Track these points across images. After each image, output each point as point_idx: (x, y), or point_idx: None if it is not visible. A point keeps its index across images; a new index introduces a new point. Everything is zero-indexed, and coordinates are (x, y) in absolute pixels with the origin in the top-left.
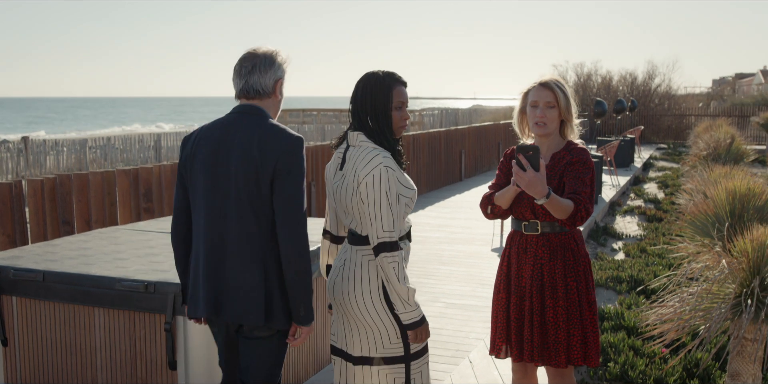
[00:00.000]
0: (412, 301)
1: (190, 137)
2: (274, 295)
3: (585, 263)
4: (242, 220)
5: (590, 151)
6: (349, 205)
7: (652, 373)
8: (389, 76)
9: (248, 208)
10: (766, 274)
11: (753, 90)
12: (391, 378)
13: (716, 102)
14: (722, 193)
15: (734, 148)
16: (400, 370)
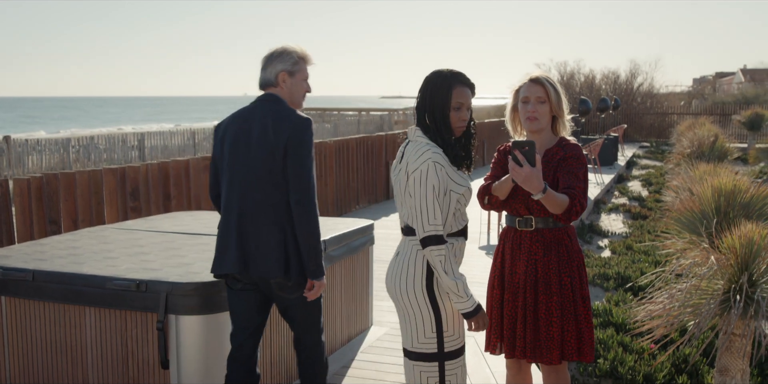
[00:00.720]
0: (462, 293)
1: (221, 124)
2: (290, 253)
3: (579, 259)
4: (263, 191)
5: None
6: (401, 197)
7: (641, 369)
8: (453, 76)
9: (268, 181)
10: (753, 269)
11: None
12: (425, 376)
13: (697, 100)
14: (708, 191)
15: (718, 146)
16: (434, 369)
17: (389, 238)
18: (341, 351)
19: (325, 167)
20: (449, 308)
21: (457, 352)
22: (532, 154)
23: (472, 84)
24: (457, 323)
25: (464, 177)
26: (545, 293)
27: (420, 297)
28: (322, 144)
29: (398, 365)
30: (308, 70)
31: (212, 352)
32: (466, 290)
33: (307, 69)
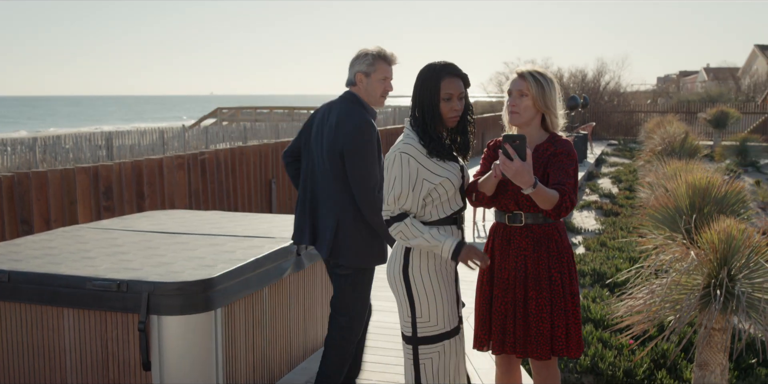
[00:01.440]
0: (433, 242)
1: (317, 111)
2: (339, 237)
3: (568, 254)
4: (327, 181)
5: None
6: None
7: (621, 365)
8: (443, 67)
9: (330, 174)
10: (733, 264)
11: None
12: (406, 357)
13: (663, 99)
14: (682, 187)
15: (688, 144)
16: (410, 351)
17: None
18: (322, 350)
19: None
20: (422, 294)
21: (432, 338)
22: (522, 147)
23: (463, 75)
24: (434, 310)
25: (446, 167)
26: (535, 289)
27: (398, 281)
28: None
29: (381, 364)
30: (389, 70)
31: (196, 353)
32: (436, 238)
33: (387, 68)
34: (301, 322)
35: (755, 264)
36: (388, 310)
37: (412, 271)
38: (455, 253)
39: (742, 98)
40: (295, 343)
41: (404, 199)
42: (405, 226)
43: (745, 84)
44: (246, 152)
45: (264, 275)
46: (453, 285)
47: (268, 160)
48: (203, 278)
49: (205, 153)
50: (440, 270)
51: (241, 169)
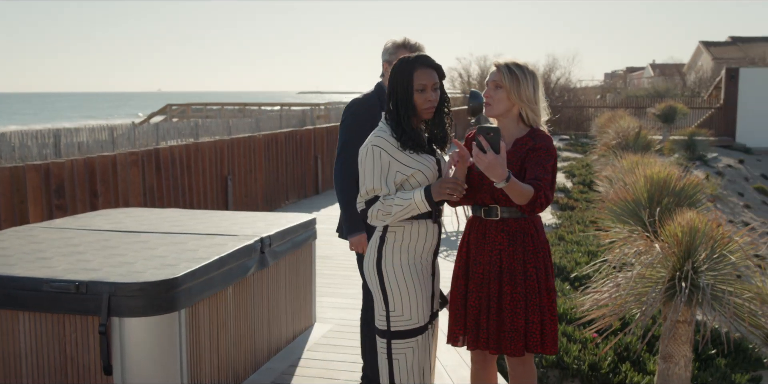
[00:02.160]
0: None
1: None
2: (341, 215)
3: (545, 250)
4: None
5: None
6: None
7: (586, 359)
8: (415, 59)
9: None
10: (696, 257)
11: (643, 83)
12: (380, 352)
13: (612, 94)
14: (641, 180)
15: (641, 138)
16: (384, 345)
17: (321, 232)
18: (287, 349)
19: (254, 162)
20: (395, 288)
21: (406, 333)
22: (496, 140)
23: (437, 65)
24: (407, 304)
25: (419, 160)
26: (510, 284)
27: (372, 274)
28: (252, 138)
29: (347, 363)
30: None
31: (159, 356)
32: (406, 198)
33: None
34: (265, 321)
35: (719, 256)
36: (352, 308)
37: (385, 264)
38: (429, 198)
39: (688, 94)
40: (259, 343)
41: (378, 192)
42: (380, 204)
43: (691, 80)
44: (201, 148)
45: (228, 274)
46: (428, 280)
47: (223, 156)
48: (166, 278)
49: (160, 149)
50: (414, 264)
51: (196, 166)
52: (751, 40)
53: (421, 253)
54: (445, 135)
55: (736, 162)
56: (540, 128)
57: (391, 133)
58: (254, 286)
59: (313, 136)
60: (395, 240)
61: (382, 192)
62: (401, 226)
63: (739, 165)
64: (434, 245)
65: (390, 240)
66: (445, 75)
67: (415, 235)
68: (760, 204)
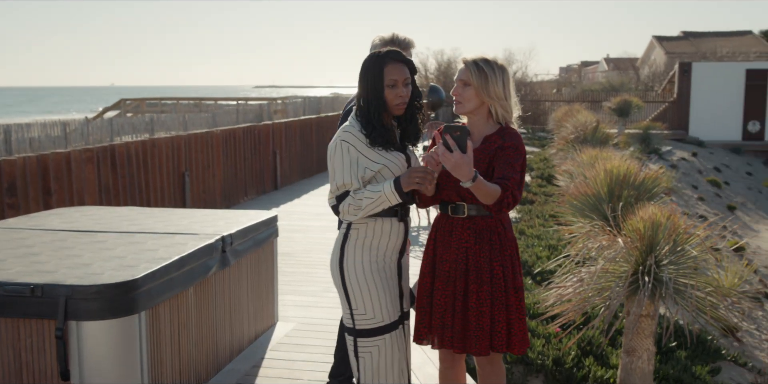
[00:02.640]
0: (375, 196)
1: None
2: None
3: (512, 248)
4: None
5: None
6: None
7: (550, 354)
8: (385, 54)
9: None
10: (659, 252)
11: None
12: (349, 349)
13: (567, 88)
14: (601, 174)
15: (599, 132)
16: (351, 342)
17: (282, 229)
18: (250, 349)
19: (212, 158)
20: (356, 287)
21: (370, 331)
22: (463, 139)
23: (408, 60)
24: (369, 303)
25: (388, 156)
26: (476, 282)
27: (335, 272)
28: (209, 134)
29: (310, 362)
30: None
31: (118, 360)
32: (375, 190)
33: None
34: (227, 321)
35: (681, 250)
36: (315, 306)
37: (347, 262)
38: (398, 189)
39: (642, 88)
40: (222, 344)
41: (349, 186)
42: (350, 198)
43: (645, 74)
44: (158, 144)
45: (189, 274)
46: (394, 278)
47: (180, 152)
48: (125, 280)
49: (115, 146)
50: (377, 262)
51: (153, 162)
52: (702, 35)
53: (384, 251)
54: (417, 131)
55: (690, 155)
56: (510, 125)
57: (360, 129)
58: (216, 286)
59: (272, 131)
60: (358, 237)
61: (353, 187)
62: (364, 223)
63: (693, 158)
64: (399, 244)
65: (353, 237)
66: (416, 70)
67: (379, 233)
68: (713, 196)
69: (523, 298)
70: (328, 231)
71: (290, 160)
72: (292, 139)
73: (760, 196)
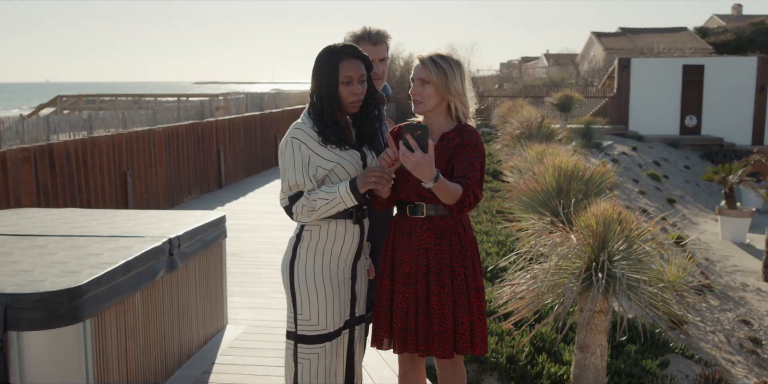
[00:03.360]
0: (332, 197)
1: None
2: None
3: (472, 248)
4: None
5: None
6: None
7: (504, 351)
8: (340, 49)
9: None
10: (611, 248)
11: (538, 72)
12: (287, 353)
13: (509, 84)
14: (549, 170)
15: (545, 127)
16: (291, 347)
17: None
18: (199, 354)
19: (154, 156)
20: (304, 291)
21: (312, 338)
22: (424, 138)
23: (363, 56)
24: (315, 309)
25: (341, 155)
26: (437, 284)
27: (285, 274)
28: (151, 132)
29: (263, 367)
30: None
31: (63, 371)
32: (330, 191)
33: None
34: (176, 326)
35: (634, 245)
36: (265, 308)
37: (298, 264)
38: (354, 189)
39: (582, 83)
40: (170, 350)
41: (302, 186)
42: (304, 199)
43: (584, 69)
44: (98, 143)
45: (135, 279)
46: (346, 283)
47: (122, 151)
48: (69, 287)
49: (54, 144)
50: (329, 266)
51: (93, 162)
52: (639, 31)
53: (338, 255)
54: (373, 129)
55: (630, 149)
56: (468, 122)
57: (312, 127)
58: (163, 290)
59: (215, 128)
60: (311, 239)
61: (306, 187)
62: (318, 225)
63: (633, 152)
64: (355, 248)
65: (306, 239)
66: (372, 66)
67: (333, 236)
68: (654, 190)
69: (484, 299)
70: (275, 230)
71: (234, 157)
72: (236, 137)
73: (697, 189)
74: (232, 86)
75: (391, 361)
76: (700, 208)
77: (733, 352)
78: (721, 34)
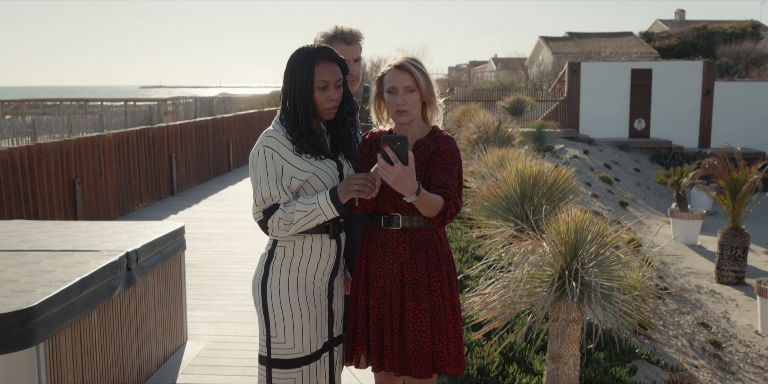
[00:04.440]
0: (311, 208)
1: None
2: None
3: (449, 262)
4: None
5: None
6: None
7: (474, 362)
8: (316, 52)
9: None
10: (582, 256)
11: (488, 76)
12: (259, 379)
13: (459, 88)
14: (512, 175)
15: (502, 131)
16: (263, 372)
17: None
18: (159, 373)
19: (104, 163)
20: (278, 312)
21: (288, 362)
22: (404, 150)
23: (340, 59)
24: (290, 331)
25: (317, 164)
26: (413, 299)
27: (256, 294)
28: (100, 138)
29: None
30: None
31: None
32: (309, 203)
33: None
34: (134, 345)
35: (607, 252)
36: (225, 321)
37: (271, 284)
38: (335, 199)
39: (531, 87)
40: (129, 371)
41: (276, 199)
42: (281, 212)
43: (533, 73)
44: (45, 150)
45: (92, 297)
46: (323, 302)
47: (70, 158)
48: (20, 309)
49: None
50: (305, 285)
51: (40, 169)
52: (586, 36)
53: (314, 272)
54: (349, 137)
55: (582, 153)
56: (439, 127)
57: (285, 135)
58: (121, 307)
59: (167, 134)
60: (284, 256)
61: (282, 199)
62: (291, 241)
63: (584, 155)
64: (332, 264)
65: (279, 256)
66: (348, 69)
67: (308, 252)
68: (606, 193)
69: (460, 315)
70: (231, 239)
71: (186, 163)
72: (188, 142)
73: (648, 191)
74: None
75: (366, 380)
76: (651, 210)
77: (696, 357)
78: (665, 39)
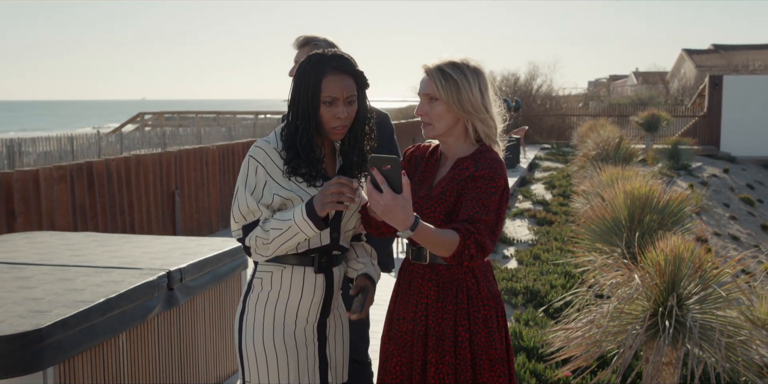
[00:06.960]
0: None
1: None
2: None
3: (487, 308)
4: None
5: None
6: None
7: None
8: (327, 60)
9: None
10: (681, 290)
11: (627, 91)
12: None
13: (594, 102)
14: (620, 196)
15: (623, 148)
16: None
17: None
18: None
19: (207, 175)
20: (251, 356)
21: None
22: (396, 175)
23: (356, 72)
24: (265, 378)
25: (306, 189)
26: (436, 351)
27: (235, 332)
28: (203, 149)
29: None
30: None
31: None
32: (285, 218)
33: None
34: (176, 368)
35: (708, 288)
36: None
37: (246, 322)
38: (311, 212)
39: (671, 102)
40: None
41: (257, 214)
42: (259, 229)
43: (674, 88)
44: (143, 161)
45: (120, 318)
46: (310, 347)
47: (170, 170)
48: (25, 331)
49: (93, 163)
50: (284, 324)
51: (137, 181)
52: (733, 48)
53: (295, 311)
54: (363, 161)
55: (721, 171)
56: (492, 147)
57: (281, 152)
58: (160, 329)
59: None
60: (261, 289)
61: (264, 214)
62: (269, 271)
63: (724, 174)
64: (320, 302)
65: (256, 288)
66: (368, 83)
67: (287, 285)
68: (746, 215)
69: (505, 374)
70: None
71: None
72: None
73: None
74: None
75: None
76: None
77: None
78: None
